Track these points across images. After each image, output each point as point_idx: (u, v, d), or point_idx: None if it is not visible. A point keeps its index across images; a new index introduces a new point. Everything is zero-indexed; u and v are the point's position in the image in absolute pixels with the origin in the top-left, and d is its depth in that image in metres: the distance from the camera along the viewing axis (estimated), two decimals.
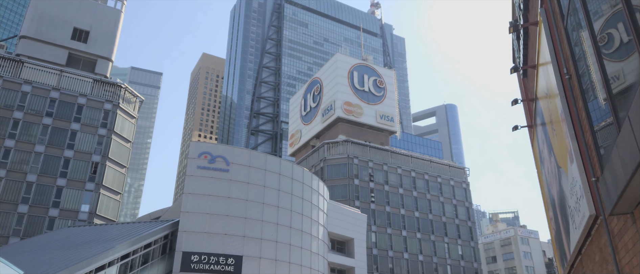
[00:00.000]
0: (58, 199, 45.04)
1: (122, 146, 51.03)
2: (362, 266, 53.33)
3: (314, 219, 43.39)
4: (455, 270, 67.47)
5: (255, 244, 36.99)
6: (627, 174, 4.16)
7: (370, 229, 62.29)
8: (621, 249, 5.71)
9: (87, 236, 35.09)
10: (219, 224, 36.10)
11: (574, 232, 8.09)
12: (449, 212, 71.13)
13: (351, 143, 67.34)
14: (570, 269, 9.82)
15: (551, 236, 11.81)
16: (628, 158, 4.10)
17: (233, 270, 35.20)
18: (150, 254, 33.38)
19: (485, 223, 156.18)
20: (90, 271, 27.51)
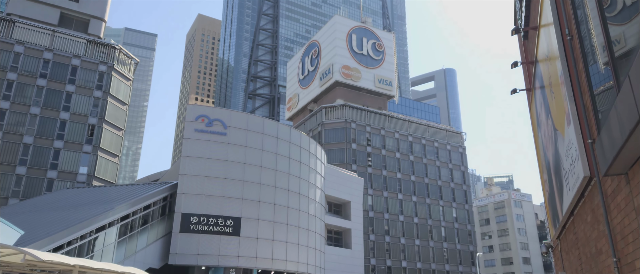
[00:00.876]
0: (56, 161, 45.21)
1: (119, 109, 50.82)
2: (358, 228, 54.34)
3: (311, 183, 43.83)
4: (449, 232, 68.86)
5: (253, 207, 37.49)
6: (624, 135, 4.17)
7: (367, 192, 63.07)
8: (613, 210, 5.79)
9: (87, 197, 35.42)
10: (218, 186, 36.44)
11: (568, 194, 8.19)
12: (444, 176, 71.89)
13: (349, 107, 67.23)
14: (562, 230, 10.01)
15: (544, 199, 11.98)
16: (626, 118, 4.09)
17: (232, 231, 35.81)
18: (150, 215, 33.83)
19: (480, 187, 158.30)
20: (91, 232, 27.92)
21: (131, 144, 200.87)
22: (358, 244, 53.50)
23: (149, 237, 33.39)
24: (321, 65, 74.44)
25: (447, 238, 68.36)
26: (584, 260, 8.20)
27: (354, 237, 53.22)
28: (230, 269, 35.39)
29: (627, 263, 5.44)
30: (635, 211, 4.92)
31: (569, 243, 9.72)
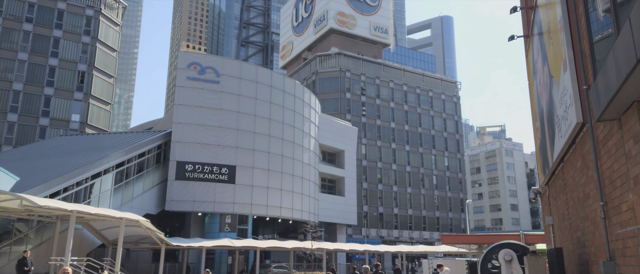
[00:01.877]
0: (47, 109, 44.84)
1: (108, 55, 49.89)
2: (351, 176, 55.22)
3: (305, 132, 44.00)
4: (440, 180, 70.20)
5: (248, 155, 37.77)
6: (621, 78, 4.14)
7: (361, 141, 63.55)
8: (603, 155, 5.87)
9: (81, 144, 35.43)
10: (212, 135, 36.51)
11: (559, 141, 8.27)
12: (438, 125, 72.35)
13: (344, 56, 66.36)
14: (551, 177, 10.20)
15: (536, 146, 12.13)
16: (623, 62, 4.05)
17: (227, 179, 36.26)
18: (145, 163, 34.06)
19: (472, 136, 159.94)
20: (87, 178, 28.15)
21: (123, 92, 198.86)
22: (351, 192, 54.56)
23: (145, 184, 33.78)
24: (315, 11, 72.68)
25: (438, 186, 69.77)
26: (571, 205, 8.41)
27: (347, 185, 54.19)
28: (226, 216, 36.16)
29: (614, 207, 5.58)
30: (625, 156, 4.99)
31: (557, 189, 9.93)
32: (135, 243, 29.54)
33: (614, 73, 4.37)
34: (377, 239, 61.16)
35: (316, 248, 34.84)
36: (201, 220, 37.64)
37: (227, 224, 35.97)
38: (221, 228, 35.76)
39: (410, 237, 64.44)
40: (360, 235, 59.93)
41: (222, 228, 35.76)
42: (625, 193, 5.07)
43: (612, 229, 5.72)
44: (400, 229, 64.62)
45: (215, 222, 36.29)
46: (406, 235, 64.43)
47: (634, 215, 4.80)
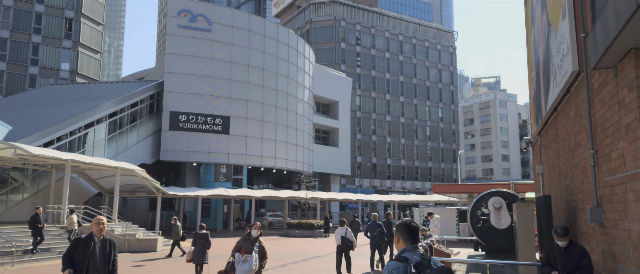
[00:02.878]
0: (36, 57, 43.96)
1: (95, 1, 48.44)
2: (345, 127, 55.44)
3: (299, 82, 43.66)
4: (433, 131, 70.73)
5: (241, 106, 37.61)
6: (619, 25, 4.08)
7: (355, 92, 63.33)
8: (597, 104, 5.88)
9: (72, 94, 35.04)
10: (205, 85, 36.16)
11: (554, 90, 8.27)
12: (433, 76, 72.00)
13: (339, 4, 64.79)
14: (543, 126, 10.28)
15: (530, 96, 12.14)
16: (623, 8, 3.97)
17: (221, 130, 36.28)
18: (138, 113, 33.88)
19: (467, 87, 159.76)
20: (80, 128, 28.05)
21: (112, 40, 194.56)
22: (345, 142, 54.96)
23: (139, 134, 33.76)
24: None
25: (431, 137, 70.39)
26: (561, 153, 8.54)
27: (341, 136, 54.52)
28: (221, 166, 36.48)
29: (604, 155, 5.66)
30: (618, 104, 5.00)
31: (548, 138, 10.04)
32: (132, 192, 29.91)
33: (613, 20, 4.30)
34: (370, 189, 62.32)
35: (310, 197, 35.49)
36: (196, 170, 38.00)
37: (222, 174, 36.36)
38: (216, 178, 36.17)
39: (402, 187, 65.69)
40: (353, 185, 60.99)
41: (217, 178, 36.17)
42: (616, 141, 5.13)
43: (601, 176, 5.83)
44: (393, 180, 65.75)
45: (210, 172, 36.65)
46: (398, 185, 65.64)
47: (623, 162, 4.88)
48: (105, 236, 5.69)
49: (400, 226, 3.12)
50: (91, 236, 5.56)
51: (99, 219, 5.67)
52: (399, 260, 2.86)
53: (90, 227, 5.70)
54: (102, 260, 5.53)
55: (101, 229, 5.62)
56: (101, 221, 5.64)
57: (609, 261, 5.68)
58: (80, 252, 5.44)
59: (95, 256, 5.45)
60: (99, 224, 5.62)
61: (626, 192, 4.79)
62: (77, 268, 5.41)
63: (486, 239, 10.22)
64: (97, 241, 5.55)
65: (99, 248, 5.53)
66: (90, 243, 5.48)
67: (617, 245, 5.25)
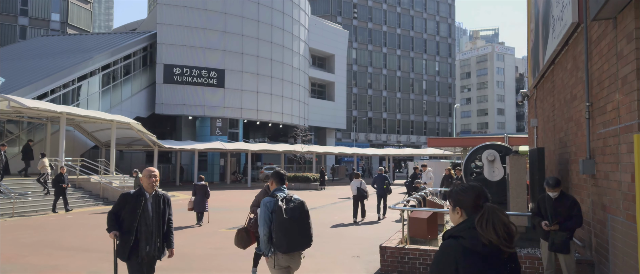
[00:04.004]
0: (25, 7, 42.79)
1: None
2: (341, 81, 55.06)
3: (295, 35, 42.91)
4: (430, 85, 70.46)
5: (236, 59, 37.11)
6: None
7: (351, 45, 62.45)
8: (595, 56, 5.84)
9: (63, 45, 34.38)
10: (199, 37, 35.49)
11: (552, 42, 8.18)
12: (431, 29, 70.88)
13: None
14: (540, 79, 10.25)
15: (528, 49, 12.02)
16: None
17: (216, 83, 35.96)
18: (131, 66, 33.42)
19: (465, 41, 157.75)
20: (73, 80, 27.72)
21: None
22: (341, 96, 54.77)
23: (133, 87, 33.45)
24: None
25: (427, 91, 70.18)
26: (557, 106, 8.56)
27: (337, 90, 54.24)
28: (216, 119, 36.43)
29: (599, 107, 5.68)
30: (616, 56, 4.97)
31: (545, 91, 10.04)
32: (128, 144, 29.98)
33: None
34: (366, 142, 62.76)
35: (306, 151, 35.75)
36: (192, 124, 37.97)
37: (218, 128, 36.38)
38: (212, 132, 36.22)
39: (397, 141, 66.16)
40: (349, 139, 61.35)
41: (213, 132, 36.22)
42: (612, 93, 5.14)
43: (595, 129, 5.88)
44: (388, 133, 66.10)
45: (206, 125, 36.65)
46: (394, 139, 66.09)
47: (618, 115, 4.90)
48: (157, 190, 4.82)
49: (273, 173, 4.57)
50: (141, 191, 4.72)
51: (151, 170, 4.80)
52: (272, 196, 4.34)
53: (141, 181, 4.82)
54: (156, 219, 4.70)
55: (153, 183, 4.76)
56: (153, 173, 4.78)
57: (598, 212, 5.83)
58: (129, 210, 4.62)
59: (147, 214, 4.64)
60: (150, 176, 4.75)
61: (619, 144, 4.85)
62: (126, 229, 4.59)
63: None
64: (149, 197, 4.72)
65: (151, 205, 4.70)
66: (140, 199, 4.65)
67: (607, 196, 5.37)
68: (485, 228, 1.99)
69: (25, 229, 12.03)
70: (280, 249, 4.18)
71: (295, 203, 4.29)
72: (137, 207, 4.60)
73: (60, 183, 15.69)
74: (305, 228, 4.31)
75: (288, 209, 4.19)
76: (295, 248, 4.24)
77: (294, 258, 4.32)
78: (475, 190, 2.15)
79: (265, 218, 4.21)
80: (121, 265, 4.69)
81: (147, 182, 4.72)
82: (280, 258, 4.24)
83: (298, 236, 4.23)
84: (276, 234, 4.17)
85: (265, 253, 4.27)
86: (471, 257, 2.00)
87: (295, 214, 4.22)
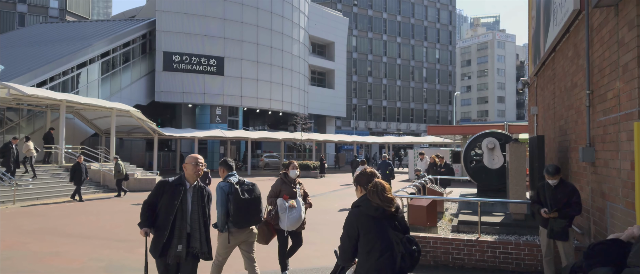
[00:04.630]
0: None
1: None
2: (341, 69, 54.87)
3: (294, 22, 42.65)
4: (430, 73, 70.24)
5: (236, 46, 36.94)
6: None
7: (351, 33, 62.10)
8: (596, 43, 5.82)
9: (63, 33, 34.20)
10: (198, 24, 35.28)
11: (553, 29, 8.15)
12: (431, 16, 70.44)
13: None
14: (541, 67, 10.22)
15: (529, 37, 11.97)
16: None
17: (216, 71, 35.85)
18: (131, 53, 33.28)
19: (465, 28, 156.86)
20: (72, 68, 27.64)
21: None
22: (341, 84, 54.63)
23: (133, 75, 33.35)
24: None
25: (427, 79, 69.99)
26: (557, 94, 8.55)
27: (337, 78, 54.08)
28: (216, 107, 36.39)
29: (600, 95, 5.68)
30: (618, 43, 4.95)
31: (545, 79, 10.01)
32: (128, 132, 29.99)
33: None
34: (366, 130, 62.76)
35: (306, 139, 35.76)
36: (192, 111, 37.94)
37: (217, 116, 36.35)
38: (212, 119, 36.20)
39: (397, 129, 66.15)
40: (348, 127, 61.33)
41: (212, 119, 36.20)
42: (612, 81, 5.13)
43: (595, 116, 5.88)
44: (388, 121, 66.07)
45: (205, 113, 36.62)
46: (394, 127, 66.07)
47: (618, 102, 4.90)
48: (199, 182, 4.21)
49: (221, 162, 5.03)
50: (182, 180, 4.09)
51: (196, 158, 4.17)
52: (225, 181, 4.86)
53: (184, 168, 4.17)
54: (196, 215, 4.06)
55: (198, 173, 4.13)
56: (200, 161, 4.16)
57: (597, 199, 5.86)
58: (165, 201, 4.00)
59: (185, 208, 4.01)
60: (196, 165, 4.11)
61: (619, 131, 4.86)
62: (160, 223, 3.98)
63: (478, 178, 10.45)
64: (189, 188, 4.10)
65: (191, 198, 4.07)
66: (180, 189, 4.02)
67: (606, 184, 5.39)
68: (372, 195, 3.00)
69: (27, 216, 12.10)
70: (237, 226, 4.78)
71: (248, 186, 4.90)
72: (175, 197, 3.99)
73: (78, 172, 15.45)
74: (257, 207, 4.89)
75: (243, 191, 4.80)
76: (249, 223, 4.89)
77: (247, 233, 4.94)
78: (367, 174, 3.26)
79: (222, 199, 4.78)
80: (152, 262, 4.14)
81: (191, 171, 4.11)
82: (235, 233, 4.84)
83: (251, 214, 4.82)
84: (233, 212, 4.72)
85: (221, 229, 4.81)
86: (365, 218, 3.00)
87: (250, 195, 4.83)
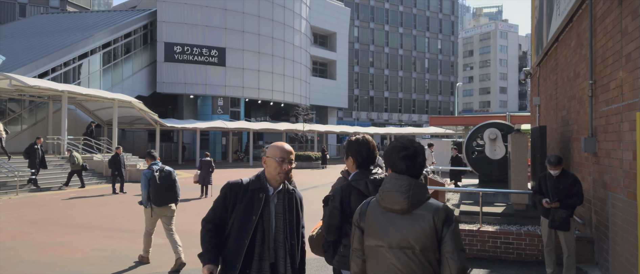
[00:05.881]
0: None
1: None
2: (343, 60, 54.68)
3: (296, 12, 42.44)
4: (432, 63, 69.97)
5: (237, 37, 36.80)
6: None
7: (353, 23, 61.80)
8: (599, 33, 5.78)
9: (63, 23, 34.11)
10: (199, 15, 35.14)
11: (556, 19, 8.10)
12: (433, 6, 70.00)
13: None
14: (543, 57, 10.17)
15: (532, 27, 11.89)
16: None
17: (217, 61, 35.77)
18: (132, 44, 33.20)
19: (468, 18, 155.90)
20: (74, 59, 27.60)
21: None
22: (342, 75, 54.48)
23: (134, 66, 33.30)
24: None
25: (429, 69, 69.73)
26: (560, 84, 8.51)
27: (339, 68, 53.91)
28: (218, 98, 36.35)
29: (602, 85, 5.65)
30: (621, 33, 4.92)
31: (548, 69, 9.97)
32: (130, 123, 30.02)
33: None
34: (367, 121, 62.70)
35: (308, 129, 35.75)
36: (193, 102, 37.92)
37: (219, 107, 36.34)
38: (214, 110, 36.19)
39: (399, 120, 66.07)
40: (350, 118, 61.26)
41: (214, 110, 36.19)
42: (615, 71, 5.10)
43: (597, 107, 5.86)
44: (390, 112, 65.96)
45: (207, 104, 36.60)
46: (395, 118, 65.98)
47: (621, 92, 4.88)
48: (287, 184, 2.75)
49: (147, 153, 6.53)
50: (261, 182, 2.68)
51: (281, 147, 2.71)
52: (149, 169, 6.21)
53: (264, 163, 2.72)
54: (282, 234, 2.66)
55: (285, 171, 2.68)
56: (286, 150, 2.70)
57: (599, 189, 5.86)
58: (239, 214, 2.62)
59: (268, 224, 2.63)
60: (283, 161, 2.65)
61: (622, 122, 4.84)
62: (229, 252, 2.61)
63: (480, 169, 10.44)
64: (273, 195, 2.68)
65: (276, 210, 2.67)
66: (260, 196, 2.62)
67: (608, 174, 5.39)
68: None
69: (30, 207, 12.16)
70: (156, 203, 6.21)
71: (165, 173, 6.30)
72: (252, 210, 2.60)
73: (117, 163, 15.19)
74: (172, 188, 6.33)
75: (160, 177, 6.22)
76: (166, 202, 6.29)
77: (165, 209, 6.34)
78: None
79: (144, 183, 6.18)
80: None
81: (274, 169, 2.65)
82: (155, 210, 6.28)
83: (167, 194, 6.29)
84: (152, 193, 6.15)
85: (145, 205, 6.25)
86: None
87: (165, 180, 6.25)
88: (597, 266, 6.00)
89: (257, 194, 2.64)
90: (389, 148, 2.19)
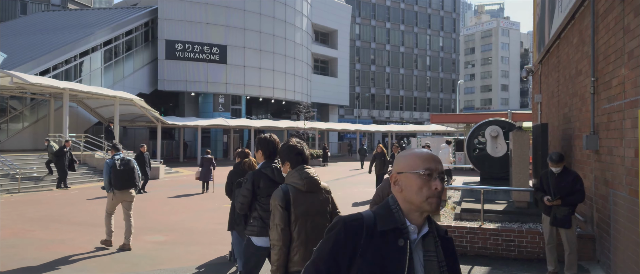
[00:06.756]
0: None
1: None
2: (344, 57, 54.63)
3: (297, 10, 42.39)
4: (433, 61, 69.87)
5: (239, 34, 36.79)
6: None
7: (354, 21, 61.71)
8: (601, 30, 5.76)
9: (65, 21, 34.12)
10: (200, 12, 35.13)
11: (558, 16, 8.07)
12: (435, 3, 69.85)
13: None
14: (545, 54, 10.14)
15: (534, 24, 11.86)
16: None
17: (218, 59, 35.76)
18: (133, 41, 33.20)
19: (469, 15, 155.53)
20: (75, 56, 27.62)
21: None
22: (344, 73, 54.43)
23: (135, 63, 33.31)
24: None
25: (431, 67, 69.63)
26: (561, 82, 8.49)
27: (340, 66, 53.87)
28: (219, 96, 36.36)
29: (604, 82, 5.64)
30: (623, 30, 4.90)
31: (549, 67, 9.95)
32: (132, 121, 30.04)
33: None
34: (369, 119, 62.66)
35: (309, 127, 35.75)
36: (195, 100, 37.94)
37: (220, 104, 36.35)
38: (215, 108, 36.20)
39: (400, 117, 66.02)
40: (351, 115, 61.23)
41: (215, 108, 36.20)
42: (617, 68, 5.09)
43: (599, 104, 5.85)
44: (391, 110, 65.92)
45: (208, 102, 36.61)
46: (397, 115, 65.93)
47: (623, 90, 4.87)
48: (432, 220, 1.49)
49: (111, 146, 7.57)
50: (395, 220, 1.40)
51: (425, 155, 1.44)
52: (111, 159, 7.17)
53: (394, 185, 1.45)
54: None
55: (438, 195, 1.39)
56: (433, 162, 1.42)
57: (601, 187, 5.85)
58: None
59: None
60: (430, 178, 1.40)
61: (624, 119, 4.83)
62: None
63: (482, 167, 10.44)
64: (417, 242, 1.41)
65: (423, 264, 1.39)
66: (398, 244, 1.37)
67: (610, 171, 5.38)
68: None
69: (32, 204, 12.19)
70: (116, 188, 7.12)
71: (125, 161, 7.21)
72: (388, 270, 1.34)
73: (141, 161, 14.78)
74: (131, 176, 7.23)
75: (121, 165, 7.13)
76: (126, 187, 7.20)
77: (125, 193, 7.26)
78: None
79: (107, 170, 7.10)
80: None
81: (418, 191, 1.40)
82: (116, 194, 7.19)
83: (126, 181, 7.19)
84: (113, 179, 7.08)
85: (107, 190, 7.16)
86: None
87: (125, 167, 7.16)
88: (599, 263, 6.00)
89: (392, 239, 1.38)
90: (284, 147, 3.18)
